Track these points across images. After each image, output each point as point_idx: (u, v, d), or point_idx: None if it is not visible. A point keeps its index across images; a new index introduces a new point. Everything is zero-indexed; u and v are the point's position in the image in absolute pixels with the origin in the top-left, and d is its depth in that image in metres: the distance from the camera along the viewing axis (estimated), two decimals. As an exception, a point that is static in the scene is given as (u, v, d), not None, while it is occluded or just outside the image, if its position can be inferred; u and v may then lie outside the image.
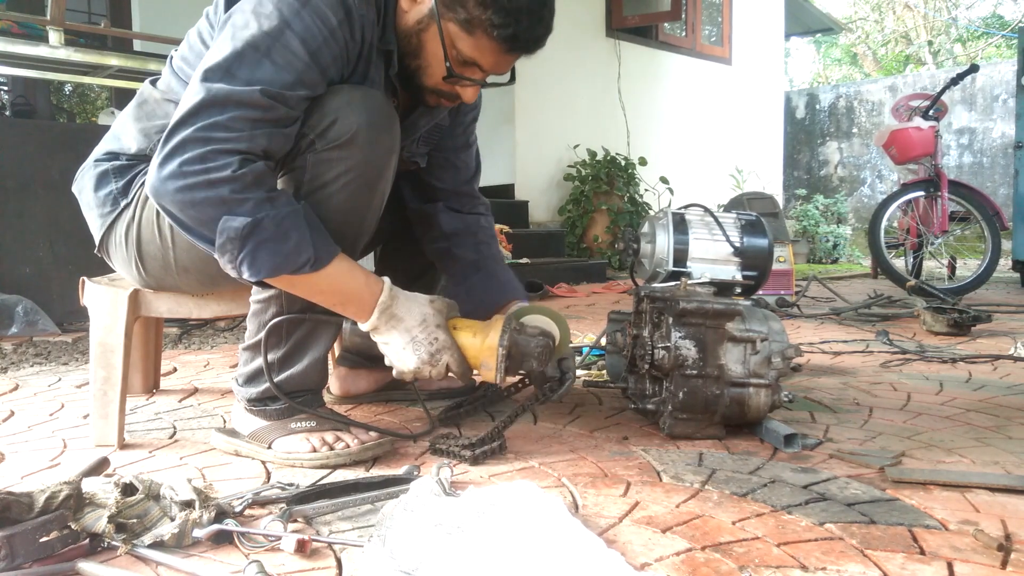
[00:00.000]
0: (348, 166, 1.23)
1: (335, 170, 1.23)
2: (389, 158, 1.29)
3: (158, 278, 1.43)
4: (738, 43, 8.02)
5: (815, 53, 21.09)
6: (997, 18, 17.64)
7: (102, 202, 1.41)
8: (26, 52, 3.07)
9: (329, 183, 1.24)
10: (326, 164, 1.23)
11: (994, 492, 1.16)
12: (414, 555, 0.86)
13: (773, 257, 1.78)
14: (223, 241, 1.11)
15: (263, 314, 1.34)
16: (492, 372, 1.28)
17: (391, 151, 1.29)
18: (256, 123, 1.12)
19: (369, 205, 1.30)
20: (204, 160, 1.09)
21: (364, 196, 1.28)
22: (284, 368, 1.35)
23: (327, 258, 1.18)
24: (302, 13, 1.17)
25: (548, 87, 6.12)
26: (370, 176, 1.27)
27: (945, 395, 1.86)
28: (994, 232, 4.55)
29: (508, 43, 1.26)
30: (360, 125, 1.22)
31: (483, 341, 1.29)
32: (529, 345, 1.31)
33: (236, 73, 1.13)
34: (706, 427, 1.45)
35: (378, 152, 1.26)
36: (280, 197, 1.15)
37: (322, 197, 1.24)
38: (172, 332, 2.88)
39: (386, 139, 1.27)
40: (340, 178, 1.24)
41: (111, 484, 0.97)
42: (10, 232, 2.89)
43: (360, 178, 1.25)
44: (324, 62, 1.19)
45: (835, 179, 10.66)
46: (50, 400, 1.84)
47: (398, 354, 1.26)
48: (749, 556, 0.94)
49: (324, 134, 1.22)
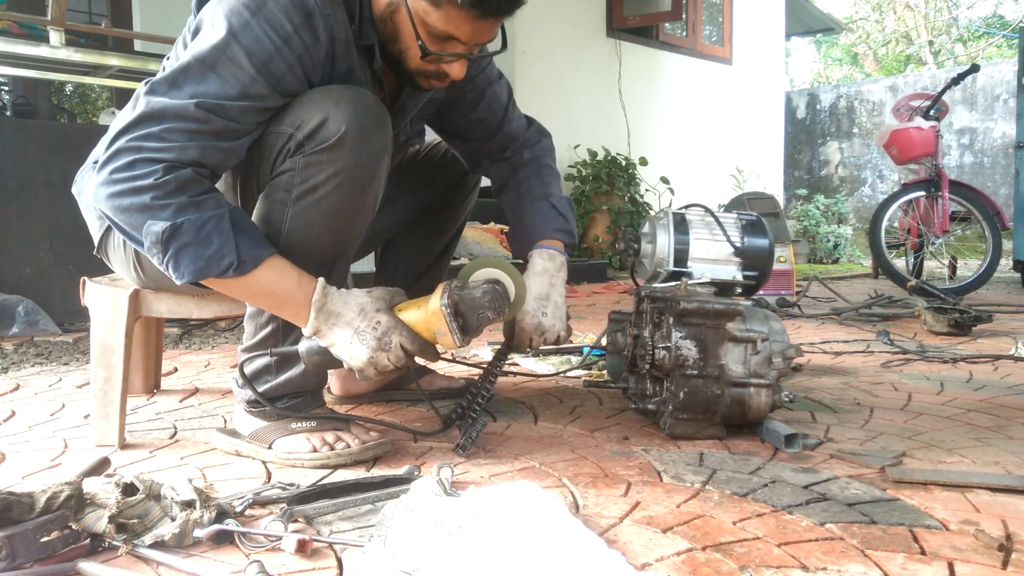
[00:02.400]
0: (338, 168, 1.22)
1: (324, 173, 1.22)
2: (380, 159, 1.27)
3: (156, 278, 1.43)
4: (739, 43, 8.02)
5: (816, 53, 21.09)
6: (998, 18, 17.63)
7: None
8: (27, 52, 3.07)
9: (319, 186, 1.23)
10: (315, 167, 1.22)
11: (995, 492, 1.16)
12: (415, 555, 0.86)
13: (774, 257, 1.78)
14: (148, 244, 1.13)
15: (259, 316, 1.34)
16: (448, 336, 1.23)
17: (382, 152, 1.27)
18: (191, 135, 1.13)
19: (361, 208, 1.29)
20: (131, 168, 1.12)
21: (355, 199, 1.27)
22: (282, 370, 1.35)
23: (252, 262, 1.16)
24: (251, 24, 1.16)
25: (549, 87, 6.12)
26: (361, 178, 1.25)
27: (946, 395, 1.86)
28: (995, 232, 4.55)
29: (477, 8, 1.21)
30: (349, 127, 1.20)
31: (427, 310, 1.24)
32: (474, 296, 1.24)
33: (181, 86, 1.15)
34: (707, 427, 1.45)
35: (369, 153, 1.25)
36: (206, 201, 1.14)
37: (312, 201, 1.24)
38: (173, 332, 2.88)
39: (376, 140, 1.25)
40: (330, 181, 1.23)
41: (112, 484, 0.97)
42: (11, 232, 2.89)
43: (350, 180, 1.24)
44: (276, 72, 1.18)
45: (836, 179, 10.66)
46: (51, 400, 1.85)
47: (347, 350, 1.21)
48: (750, 556, 0.94)
49: (312, 136, 1.21)
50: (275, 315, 1.29)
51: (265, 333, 1.34)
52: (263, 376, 1.36)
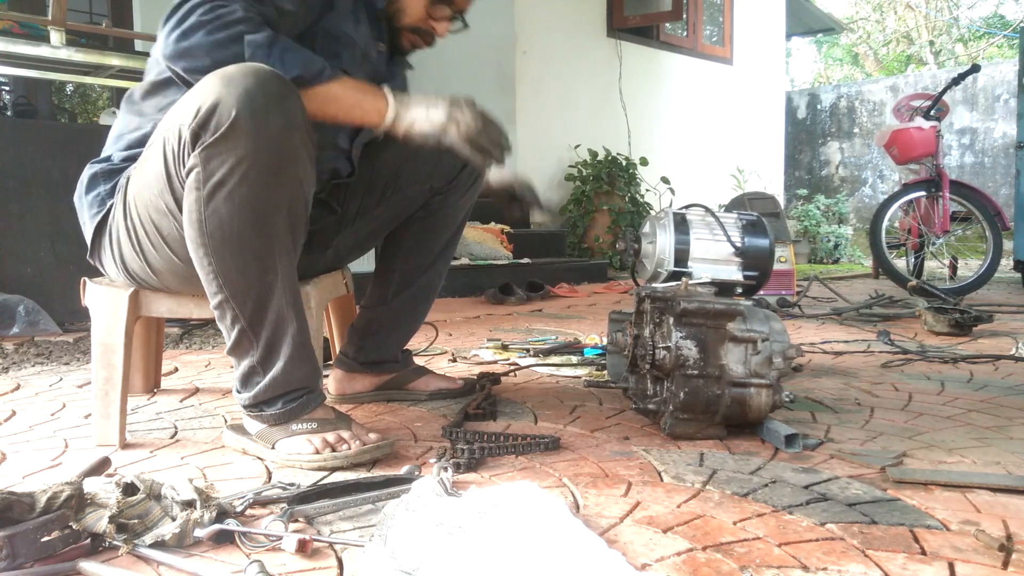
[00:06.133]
0: (238, 157, 1.15)
1: (227, 164, 1.15)
2: (287, 138, 1.18)
3: (142, 277, 1.41)
4: (739, 43, 8.01)
5: (816, 53, 21.10)
6: (998, 18, 17.63)
7: (91, 204, 1.41)
8: (27, 52, 3.07)
9: (226, 179, 1.16)
10: (217, 159, 1.16)
11: (995, 492, 1.16)
12: (415, 555, 0.86)
13: (774, 257, 1.78)
14: (252, 52, 1.21)
15: (224, 319, 1.29)
16: None
17: (287, 129, 1.18)
18: None
19: (280, 195, 1.21)
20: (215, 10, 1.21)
21: (269, 186, 1.19)
22: (267, 370, 1.30)
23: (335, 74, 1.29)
24: None
25: (549, 87, 6.12)
26: (268, 163, 1.17)
27: (946, 395, 1.86)
28: (995, 232, 4.55)
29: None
30: (240, 110, 1.13)
31: None
32: None
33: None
34: (707, 427, 1.45)
35: (269, 135, 1.16)
36: None
37: (224, 195, 1.17)
38: (173, 332, 2.89)
39: (276, 119, 1.16)
40: (235, 172, 1.16)
41: (112, 484, 0.97)
42: (11, 232, 2.89)
43: (256, 168, 1.16)
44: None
45: (836, 179, 10.65)
46: (51, 400, 1.85)
47: (426, 115, 1.31)
48: (750, 556, 0.94)
49: (205, 125, 1.15)
50: (262, 270, 1.24)
51: (236, 335, 1.28)
52: (252, 378, 1.31)
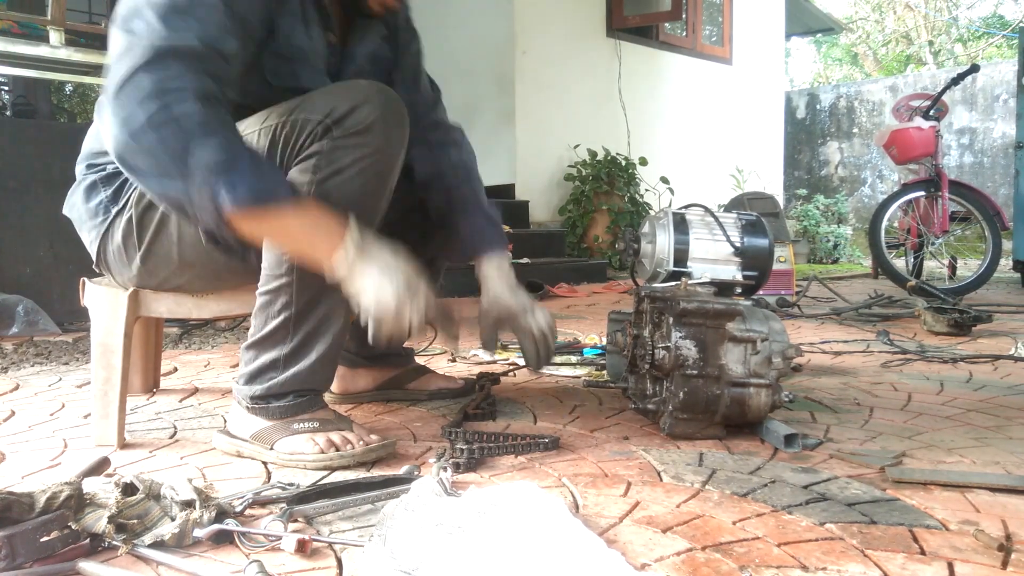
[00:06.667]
0: (364, 153, 1.28)
1: (351, 156, 1.28)
2: (400, 150, 1.35)
3: (161, 278, 1.42)
4: (739, 43, 8.02)
5: (815, 53, 21.10)
6: (998, 18, 17.63)
7: (93, 213, 1.41)
8: (27, 52, 3.07)
9: (344, 168, 1.28)
10: (343, 150, 1.27)
11: (995, 492, 1.16)
12: (414, 555, 0.86)
13: (774, 257, 1.78)
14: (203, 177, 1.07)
15: (271, 306, 1.32)
16: None
17: (402, 144, 1.35)
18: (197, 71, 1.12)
19: (381, 193, 1.34)
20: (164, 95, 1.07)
21: (376, 183, 1.32)
22: (290, 364, 1.33)
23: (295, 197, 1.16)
24: None
25: (548, 87, 6.12)
26: (383, 165, 1.32)
27: (946, 395, 1.86)
28: (995, 232, 4.55)
29: None
30: (378, 116, 1.29)
31: None
32: None
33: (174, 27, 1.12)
34: (706, 427, 1.45)
35: (391, 143, 1.32)
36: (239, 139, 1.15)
37: (337, 183, 1.28)
38: (172, 332, 2.89)
39: (398, 134, 1.33)
40: (356, 164, 1.28)
41: (112, 484, 0.97)
42: (11, 232, 2.89)
43: (374, 166, 1.30)
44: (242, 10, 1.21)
45: (836, 179, 10.66)
46: (51, 400, 1.85)
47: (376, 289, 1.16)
48: (749, 556, 0.94)
49: (342, 122, 1.27)
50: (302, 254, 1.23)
51: (276, 324, 1.32)
52: (268, 372, 1.33)
